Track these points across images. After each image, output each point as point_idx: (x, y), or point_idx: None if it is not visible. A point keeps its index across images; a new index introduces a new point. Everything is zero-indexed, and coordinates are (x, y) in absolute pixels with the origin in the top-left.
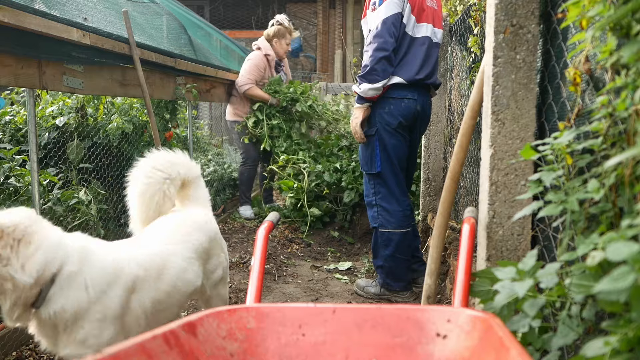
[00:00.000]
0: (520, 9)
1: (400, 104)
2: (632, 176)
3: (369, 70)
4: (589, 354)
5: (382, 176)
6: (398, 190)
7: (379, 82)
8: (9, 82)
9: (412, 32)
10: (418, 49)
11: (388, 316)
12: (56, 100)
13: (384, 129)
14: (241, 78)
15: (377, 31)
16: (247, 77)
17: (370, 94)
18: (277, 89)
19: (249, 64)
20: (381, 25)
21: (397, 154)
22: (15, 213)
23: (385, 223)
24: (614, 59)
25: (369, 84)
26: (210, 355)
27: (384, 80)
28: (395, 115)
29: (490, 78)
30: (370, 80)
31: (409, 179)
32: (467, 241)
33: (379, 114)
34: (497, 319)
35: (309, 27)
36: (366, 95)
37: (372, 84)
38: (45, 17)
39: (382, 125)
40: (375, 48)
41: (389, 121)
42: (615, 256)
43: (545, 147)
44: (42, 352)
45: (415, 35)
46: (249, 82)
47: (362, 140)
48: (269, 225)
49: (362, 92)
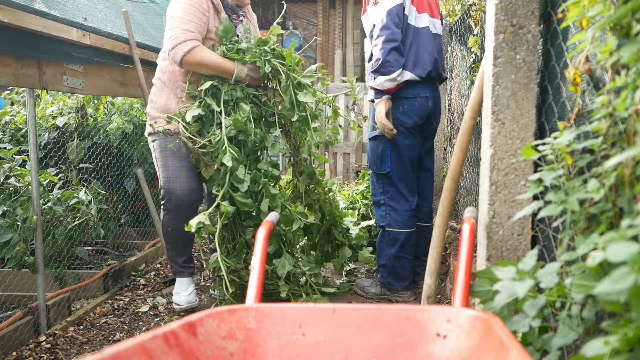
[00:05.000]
0: (520, 9)
1: (414, 104)
2: (632, 176)
3: (382, 62)
4: (588, 354)
5: (391, 176)
6: (407, 189)
7: (393, 73)
8: (9, 82)
9: (414, 22)
10: (424, 39)
11: (388, 316)
12: (56, 100)
13: (398, 129)
14: (172, 33)
15: (383, 23)
16: (182, 27)
17: (387, 85)
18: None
19: (177, 5)
20: (386, 16)
21: (409, 154)
22: None
23: (392, 222)
24: (614, 59)
25: (384, 76)
26: (210, 355)
27: (398, 70)
28: (410, 115)
29: (490, 78)
30: (384, 72)
31: (426, 173)
32: (467, 241)
33: (393, 114)
34: (497, 319)
35: (309, 27)
36: (383, 87)
37: (387, 75)
38: (45, 17)
39: (397, 125)
40: (384, 40)
41: (404, 121)
42: (615, 257)
43: (545, 147)
44: (42, 352)
45: (418, 25)
46: (189, 36)
47: (392, 133)
48: (269, 225)
49: (378, 84)
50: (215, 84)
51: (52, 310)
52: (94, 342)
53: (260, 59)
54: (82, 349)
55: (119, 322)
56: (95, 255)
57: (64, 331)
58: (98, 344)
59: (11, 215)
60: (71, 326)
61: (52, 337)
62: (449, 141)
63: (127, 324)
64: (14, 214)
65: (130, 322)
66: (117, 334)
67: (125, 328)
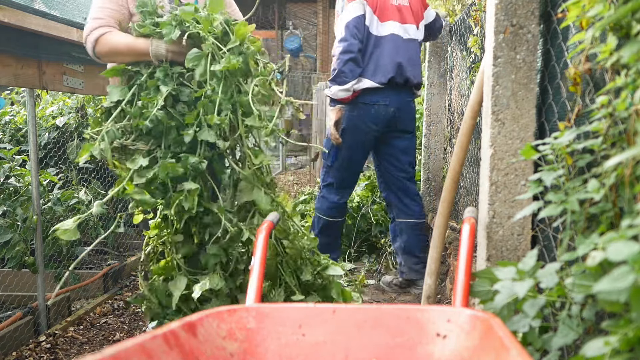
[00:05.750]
0: (520, 9)
1: (370, 110)
2: (632, 176)
3: (337, 72)
4: (589, 354)
5: (333, 169)
6: (341, 185)
7: (347, 84)
8: (9, 82)
9: (376, 31)
10: (385, 47)
11: (388, 316)
12: (56, 100)
13: (350, 129)
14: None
15: (342, 36)
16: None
17: (340, 95)
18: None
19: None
20: (344, 29)
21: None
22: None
23: (319, 208)
24: (614, 59)
25: (338, 86)
26: (210, 355)
27: (352, 81)
28: (363, 121)
29: (490, 78)
30: (339, 82)
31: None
32: (467, 241)
33: (348, 117)
34: (497, 319)
35: (309, 27)
36: (337, 96)
37: (341, 85)
38: (45, 17)
39: (349, 127)
40: (341, 51)
41: (357, 124)
42: (615, 256)
43: (546, 147)
44: (42, 352)
45: (380, 34)
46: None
47: (337, 141)
48: (269, 225)
49: (332, 94)
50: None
51: (52, 310)
52: (94, 342)
53: (170, 25)
54: (82, 349)
55: (119, 322)
56: (95, 255)
57: (64, 331)
58: (98, 344)
59: (11, 215)
60: (71, 326)
61: (52, 337)
62: (449, 141)
63: (127, 324)
64: (14, 214)
65: (130, 322)
66: (117, 334)
67: (125, 328)
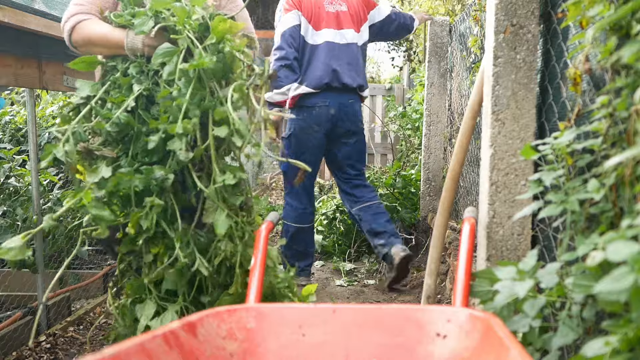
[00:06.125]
0: (520, 9)
1: (312, 112)
2: (632, 176)
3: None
4: (589, 354)
5: (289, 176)
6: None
7: (282, 88)
8: (9, 82)
9: (311, 40)
10: (320, 54)
11: (388, 316)
12: (56, 100)
13: (296, 133)
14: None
15: (278, 44)
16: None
17: (276, 98)
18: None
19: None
20: (280, 38)
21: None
22: None
23: (286, 216)
24: (614, 59)
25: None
26: (210, 355)
27: (287, 85)
28: (308, 123)
29: (490, 78)
30: (274, 86)
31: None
32: (467, 241)
33: (295, 121)
34: (497, 319)
35: None
36: (272, 100)
37: (276, 88)
38: (45, 17)
39: (296, 129)
40: (276, 58)
41: (303, 126)
42: (615, 256)
43: (546, 147)
44: (42, 352)
45: (315, 42)
46: (75, 10)
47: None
48: (269, 225)
49: (268, 97)
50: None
51: (52, 310)
52: (94, 342)
53: (145, 15)
54: (82, 349)
55: None
56: (95, 255)
57: (64, 331)
58: (98, 344)
59: (11, 215)
60: (71, 326)
61: (52, 337)
62: (449, 141)
63: None
64: (14, 214)
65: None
66: None
67: None
